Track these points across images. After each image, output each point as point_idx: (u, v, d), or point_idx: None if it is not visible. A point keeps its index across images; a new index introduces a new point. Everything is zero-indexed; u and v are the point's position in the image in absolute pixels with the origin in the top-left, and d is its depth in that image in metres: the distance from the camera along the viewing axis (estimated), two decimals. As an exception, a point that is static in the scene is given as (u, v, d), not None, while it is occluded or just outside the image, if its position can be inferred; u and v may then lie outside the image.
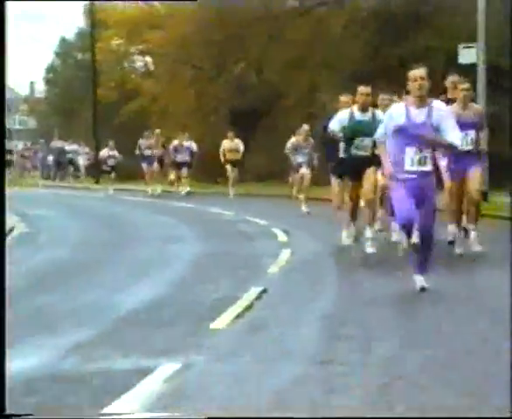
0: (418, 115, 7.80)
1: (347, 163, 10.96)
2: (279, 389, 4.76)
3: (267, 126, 27.86)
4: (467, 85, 10.47)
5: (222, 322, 6.63)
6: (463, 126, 9.30)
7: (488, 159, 14.90)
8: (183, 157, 24.84)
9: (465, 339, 5.94)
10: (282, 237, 12.56)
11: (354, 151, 10.76)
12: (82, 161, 34.15)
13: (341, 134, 10.81)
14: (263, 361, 5.43)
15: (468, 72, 18.07)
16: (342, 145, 11.01)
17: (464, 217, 10.56)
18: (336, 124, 10.79)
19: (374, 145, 10.05)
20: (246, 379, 5.02)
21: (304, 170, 17.62)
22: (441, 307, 7.11)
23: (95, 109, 34.32)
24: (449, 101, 10.12)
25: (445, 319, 6.62)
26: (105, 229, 15.54)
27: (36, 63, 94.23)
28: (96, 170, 32.19)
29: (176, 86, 31.00)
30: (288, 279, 9.00)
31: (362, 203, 11.18)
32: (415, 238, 7.63)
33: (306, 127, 17.69)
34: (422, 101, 7.77)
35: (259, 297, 7.70)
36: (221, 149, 23.93)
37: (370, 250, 10.42)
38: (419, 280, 7.72)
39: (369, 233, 10.60)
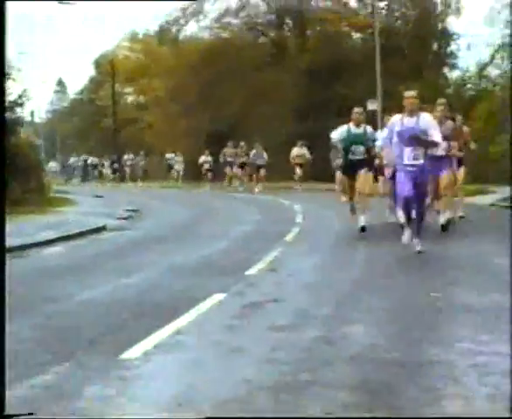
0: (410, 122, 9.81)
1: (346, 165, 12.82)
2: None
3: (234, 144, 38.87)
4: (440, 108, 12.66)
5: (289, 237, 13.06)
6: None
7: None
8: (261, 161, 31.33)
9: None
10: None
11: (350, 156, 12.73)
12: (178, 166, 40.30)
13: (340, 144, 12.86)
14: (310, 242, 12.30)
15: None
16: (341, 151, 12.88)
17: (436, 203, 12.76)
18: (337, 135, 12.88)
19: (366, 151, 12.69)
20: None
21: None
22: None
23: (116, 131, 46.10)
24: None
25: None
26: (209, 209, 21.44)
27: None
28: (190, 172, 39.39)
29: (169, 117, 42.82)
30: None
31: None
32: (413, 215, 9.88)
33: None
34: (413, 113, 9.83)
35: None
36: (292, 155, 29.70)
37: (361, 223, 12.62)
38: (416, 243, 9.91)
39: (362, 219, 12.65)
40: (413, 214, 10.11)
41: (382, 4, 40.37)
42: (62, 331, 6.40)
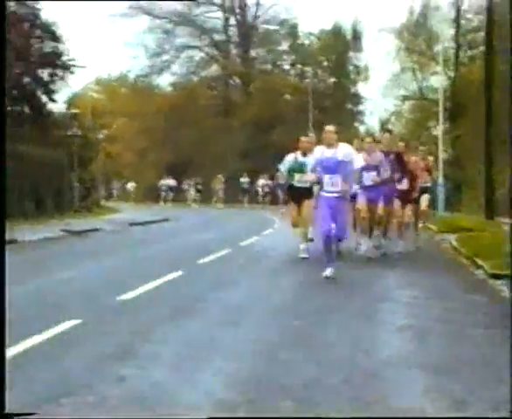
0: (329, 152, 10.78)
1: (292, 192, 13.51)
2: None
3: (188, 175, 48.16)
4: (369, 140, 13.63)
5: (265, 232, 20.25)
6: (368, 168, 12.78)
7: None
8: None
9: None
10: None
11: (296, 183, 13.25)
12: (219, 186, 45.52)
13: (286, 173, 13.42)
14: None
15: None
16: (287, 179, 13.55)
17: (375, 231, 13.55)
18: (286, 165, 13.47)
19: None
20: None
21: None
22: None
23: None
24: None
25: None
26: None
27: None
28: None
29: (135, 149, 53.06)
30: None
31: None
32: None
33: None
34: (331, 145, 10.82)
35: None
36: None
37: (302, 255, 13.18)
38: (328, 271, 10.57)
39: (303, 245, 13.34)
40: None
41: (309, 69, 51.84)
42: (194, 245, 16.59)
